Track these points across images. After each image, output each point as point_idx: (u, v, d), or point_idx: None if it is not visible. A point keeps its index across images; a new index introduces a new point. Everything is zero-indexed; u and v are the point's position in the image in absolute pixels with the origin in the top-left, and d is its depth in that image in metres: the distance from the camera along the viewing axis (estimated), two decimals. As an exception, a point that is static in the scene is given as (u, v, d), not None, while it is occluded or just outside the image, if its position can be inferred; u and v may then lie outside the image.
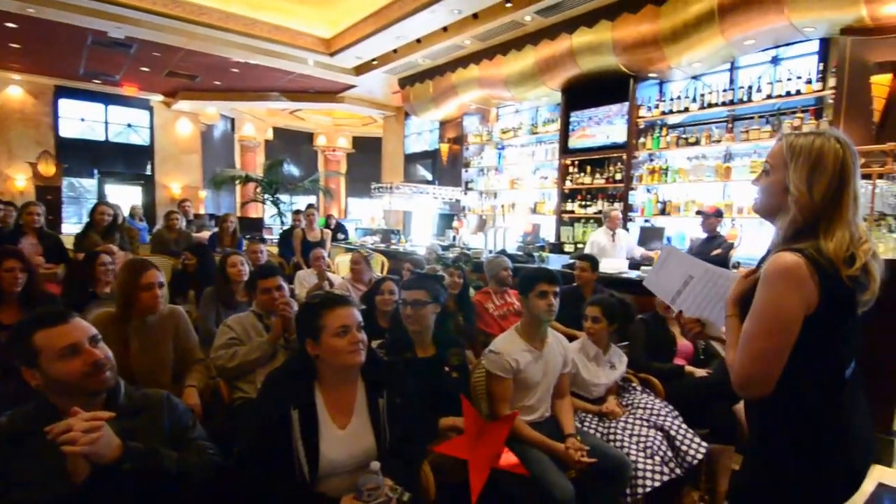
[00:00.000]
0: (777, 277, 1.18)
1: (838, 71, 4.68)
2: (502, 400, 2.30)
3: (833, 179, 1.22)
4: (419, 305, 2.33)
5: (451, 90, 8.45)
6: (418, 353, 2.35)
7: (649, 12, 5.54)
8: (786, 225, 1.25)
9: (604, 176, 6.62)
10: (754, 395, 1.25)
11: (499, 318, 3.77)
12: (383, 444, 1.69)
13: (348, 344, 1.62)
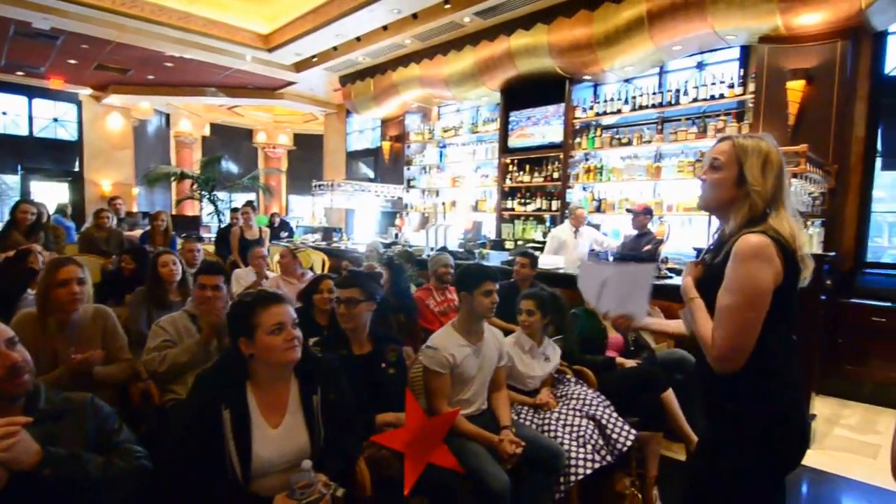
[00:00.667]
0: (751, 255, 1.32)
1: (757, 77, 5.02)
2: (440, 395, 2.32)
3: (779, 173, 1.42)
4: (352, 304, 2.31)
5: (393, 89, 8.45)
6: (354, 350, 2.33)
7: (583, 17, 5.74)
8: (744, 212, 1.41)
9: (542, 174, 6.79)
10: (735, 367, 1.34)
11: (439, 315, 3.80)
12: (318, 441, 1.68)
13: (283, 341, 1.61)
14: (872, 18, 4.37)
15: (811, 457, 3.34)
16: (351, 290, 2.32)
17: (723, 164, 1.45)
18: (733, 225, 1.44)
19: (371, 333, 2.40)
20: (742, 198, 1.42)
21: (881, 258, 5.05)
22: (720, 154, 1.47)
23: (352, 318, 2.31)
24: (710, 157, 1.49)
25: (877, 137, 4.87)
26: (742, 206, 1.41)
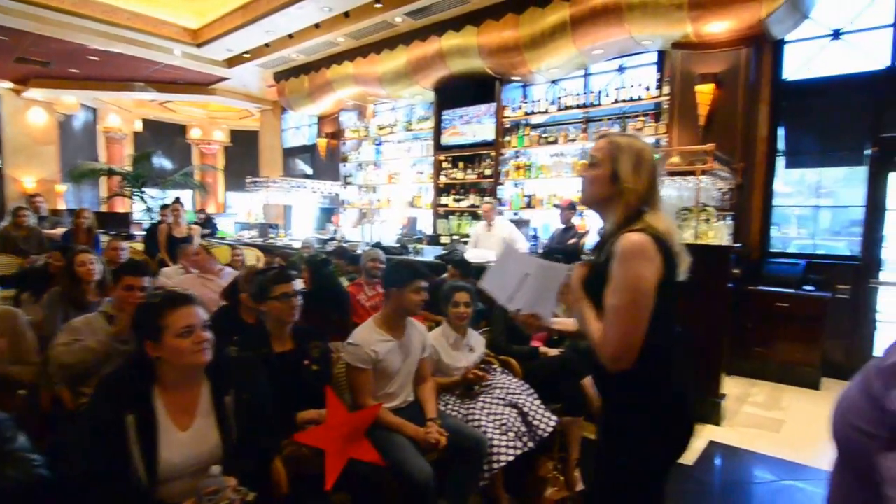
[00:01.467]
0: (633, 254, 1.33)
1: (671, 80, 5.33)
2: (364, 390, 2.34)
3: (652, 171, 1.46)
4: (285, 298, 2.31)
5: (327, 86, 8.35)
6: (276, 347, 2.31)
7: (511, 20, 5.89)
8: (620, 210, 1.43)
9: (475, 171, 6.94)
10: (628, 366, 1.35)
11: (371, 309, 3.81)
12: (230, 442, 1.65)
13: (193, 344, 1.58)
14: (772, 28, 4.74)
15: (722, 433, 3.60)
16: (286, 285, 2.32)
17: (599, 161, 1.49)
18: (612, 222, 1.46)
19: (293, 330, 2.38)
20: (617, 195, 1.44)
21: (787, 248, 5.49)
22: (597, 151, 1.50)
23: (289, 313, 2.31)
24: (590, 154, 1.54)
25: (778, 138, 5.28)
26: (618, 204, 1.44)
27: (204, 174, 13.05)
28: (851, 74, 4.90)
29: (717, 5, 4.58)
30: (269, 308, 2.33)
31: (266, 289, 2.32)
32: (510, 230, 5.64)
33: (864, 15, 4.89)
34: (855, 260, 4.84)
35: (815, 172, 5.30)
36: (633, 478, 1.46)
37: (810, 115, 5.10)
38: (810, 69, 5.16)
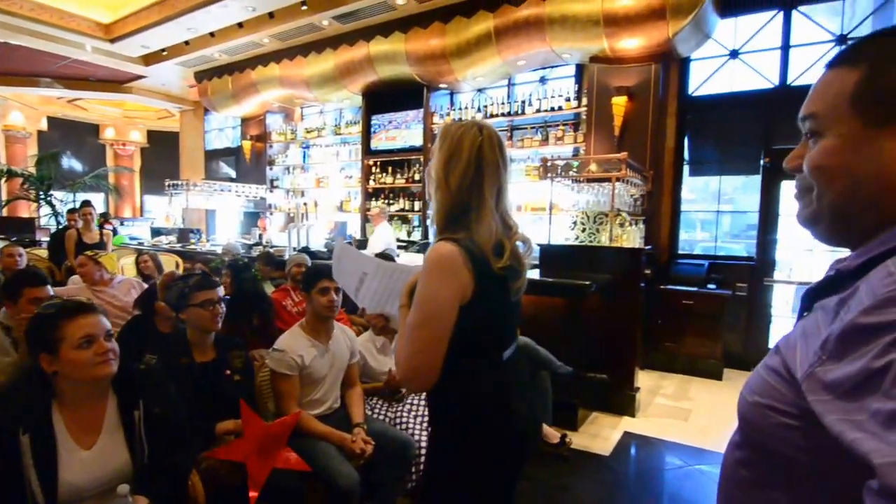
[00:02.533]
0: (433, 267, 1.16)
1: (589, 92, 5.62)
2: (289, 397, 2.30)
3: (468, 169, 1.22)
4: (209, 305, 2.23)
5: (252, 87, 8.12)
6: (196, 357, 2.23)
7: (437, 28, 6.00)
8: (434, 214, 1.25)
9: (404, 176, 6.99)
10: (422, 388, 1.20)
11: (297, 315, 3.74)
12: (140, 460, 1.58)
13: (94, 355, 1.49)
14: (678, 46, 5.11)
15: (637, 424, 3.83)
16: (210, 291, 2.24)
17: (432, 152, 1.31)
18: (435, 227, 1.28)
19: (215, 339, 2.31)
20: (434, 192, 1.27)
21: (693, 250, 5.92)
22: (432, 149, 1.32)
23: (213, 321, 2.23)
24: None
25: (683, 148, 5.70)
26: (435, 204, 1.27)
27: (118, 176, 12.25)
28: (747, 91, 5.39)
29: (630, 23, 4.89)
30: (190, 316, 2.24)
31: (187, 296, 2.23)
32: (388, 234, 5.82)
33: (757, 37, 5.39)
34: (751, 260, 5.31)
35: (716, 180, 5.77)
36: (443, 486, 1.32)
37: (712, 127, 5.55)
38: (712, 85, 5.61)
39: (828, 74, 0.66)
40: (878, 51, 0.61)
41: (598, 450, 3.41)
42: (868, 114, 0.60)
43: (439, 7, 5.96)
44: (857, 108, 0.61)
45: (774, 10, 5.24)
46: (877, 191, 0.60)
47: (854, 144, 0.61)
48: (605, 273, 3.93)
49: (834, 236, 0.67)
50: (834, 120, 0.63)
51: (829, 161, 0.64)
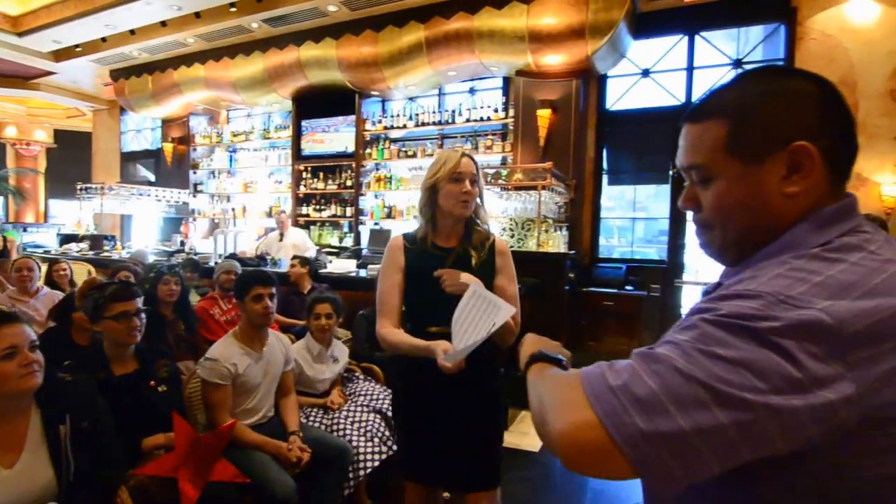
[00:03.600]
0: (509, 252, 1.76)
1: (515, 104, 5.87)
2: (222, 407, 2.26)
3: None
4: (123, 318, 2.14)
5: (175, 88, 7.77)
6: (116, 370, 2.13)
7: (369, 36, 6.05)
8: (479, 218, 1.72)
9: (336, 182, 6.96)
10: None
11: (226, 324, 3.65)
12: (66, 477, 1.52)
13: (18, 367, 1.44)
14: (596, 64, 5.47)
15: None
16: (128, 303, 2.15)
17: (476, 178, 1.72)
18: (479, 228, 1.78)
19: (136, 350, 2.23)
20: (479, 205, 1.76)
21: (612, 254, 6.32)
22: (474, 170, 1.68)
23: (131, 332, 2.15)
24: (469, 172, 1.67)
25: (603, 158, 6.09)
26: (481, 212, 1.78)
27: (21, 178, 11.26)
28: (657, 108, 5.84)
29: (552, 41, 5.19)
30: (105, 329, 2.13)
31: (101, 307, 2.12)
32: (302, 238, 5.89)
33: (666, 59, 5.87)
34: (663, 263, 5.74)
35: (631, 189, 6.20)
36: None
37: (627, 140, 5.97)
38: (627, 101, 6.04)
39: (694, 128, 0.75)
40: (735, 103, 0.72)
41: (528, 447, 3.55)
42: (744, 155, 0.70)
43: (371, 16, 6.01)
44: (734, 152, 0.70)
45: (680, 35, 5.74)
46: (768, 216, 0.70)
47: (742, 183, 0.70)
48: (532, 277, 4.13)
49: (741, 261, 0.74)
50: (718, 166, 0.72)
51: (727, 202, 0.72)
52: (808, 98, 0.68)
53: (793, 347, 0.54)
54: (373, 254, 5.41)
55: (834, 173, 0.68)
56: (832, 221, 0.66)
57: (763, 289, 0.60)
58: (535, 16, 5.18)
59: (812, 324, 0.55)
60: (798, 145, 0.66)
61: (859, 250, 0.62)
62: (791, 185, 0.67)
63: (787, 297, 0.58)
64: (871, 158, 5.04)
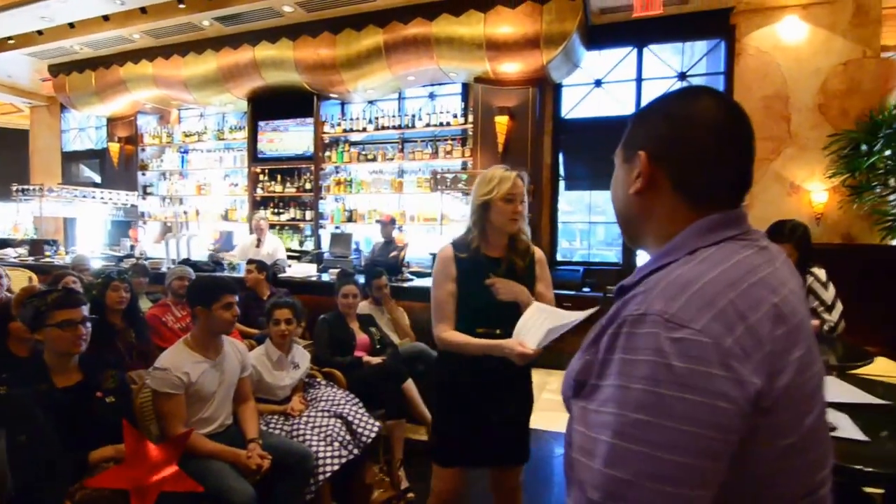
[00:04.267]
0: (545, 261, 2.05)
1: (475, 110, 5.95)
2: (175, 418, 2.20)
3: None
4: (69, 326, 2.04)
5: (121, 85, 7.46)
6: (58, 381, 2.02)
7: (327, 38, 6.00)
8: (523, 232, 1.95)
9: (295, 185, 6.85)
10: None
11: (180, 331, 3.54)
12: (6, 493, 1.47)
13: None
14: (552, 73, 5.62)
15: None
16: (74, 310, 2.06)
17: (523, 198, 1.93)
18: (524, 241, 1.99)
19: (80, 360, 2.12)
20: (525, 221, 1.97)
21: (571, 257, 6.49)
22: (522, 191, 1.91)
23: (77, 342, 2.05)
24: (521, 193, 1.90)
25: (559, 164, 6.25)
26: (526, 227, 1.99)
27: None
28: (609, 117, 6.06)
29: (509, 49, 5.30)
30: (47, 337, 2.03)
31: (44, 314, 2.02)
32: (278, 245, 5.78)
33: (617, 70, 6.09)
34: (619, 266, 5.94)
35: (588, 194, 6.39)
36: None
37: (582, 147, 6.16)
38: (581, 110, 6.24)
39: None
40: (640, 112, 0.82)
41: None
42: (624, 155, 0.82)
43: (328, 18, 5.96)
44: (621, 150, 0.83)
45: (630, 47, 5.98)
46: (623, 206, 0.83)
47: (618, 176, 0.84)
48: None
49: (628, 242, 0.88)
50: (616, 158, 0.85)
51: (612, 185, 0.86)
52: (677, 120, 0.75)
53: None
54: (334, 257, 5.35)
55: (687, 188, 0.74)
56: (711, 230, 0.71)
57: (653, 308, 0.64)
58: (492, 24, 5.28)
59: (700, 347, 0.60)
60: (639, 153, 0.76)
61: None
62: (633, 186, 0.77)
63: (672, 316, 0.62)
64: (802, 168, 5.40)
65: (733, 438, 0.60)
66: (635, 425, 0.60)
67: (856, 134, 4.92)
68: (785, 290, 0.68)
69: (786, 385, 0.62)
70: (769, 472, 0.64)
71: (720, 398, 0.58)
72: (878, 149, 4.68)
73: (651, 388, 0.60)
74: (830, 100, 5.30)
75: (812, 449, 0.67)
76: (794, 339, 0.65)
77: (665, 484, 0.58)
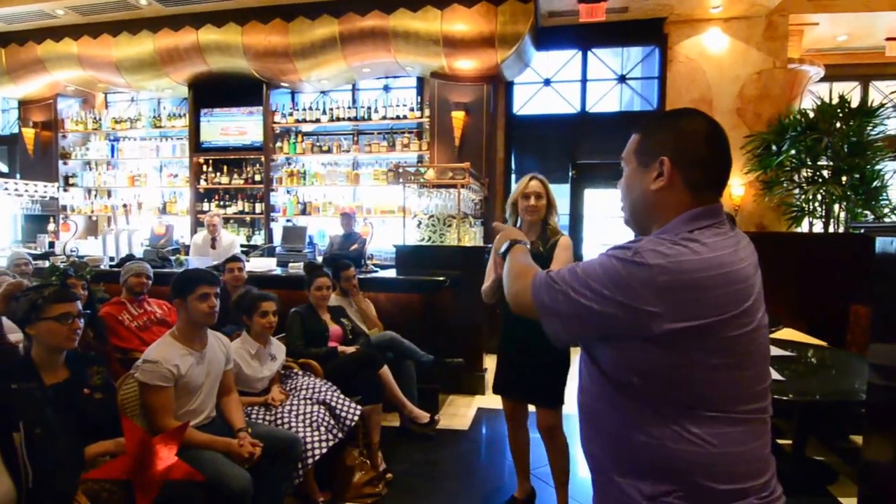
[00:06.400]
0: (569, 247, 2.38)
1: (431, 104, 6.05)
2: (164, 411, 2.17)
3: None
4: (66, 319, 1.97)
5: (38, 64, 6.86)
6: (46, 379, 1.94)
7: (279, 26, 5.86)
8: (550, 223, 2.42)
9: (243, 177, 6.63)
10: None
11: (138, 330, 3.40)
12: (25, 484, 1.44)
13: None
14: (505, 71, 5.82)
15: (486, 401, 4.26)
16: (71, 304, 1.97)
17: (540, 195, 2.45)
18: (549, 231, 2.44)
19: (66, 357, 2.04)
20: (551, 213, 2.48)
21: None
22: (540, 189, 2.44)
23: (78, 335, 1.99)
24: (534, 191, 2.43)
25: (511, 158, 6.49)
26: (552, 219, 2.47)
27: None
28: (557, 114, 6.37)
29: (465, 47, 5.45)
30: (41, 331, 1.95)
31: (40, 308, 1.94)
32: (233, 241, 5.50)
33: (564, 70, 6.41)
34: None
35: (536, 188, 6.67)
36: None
37: (532, 142, 6.44)
38: (531, 107, 6.50)
39: (632, 136, 1.07)
40: (648, 124, 1.04)
41: (458, 426, 3.79)
42: (640, 159, 1.02)
43: (280, 4, 5.83)
44: (636, 156, 1.03)
45: (575, 50, 6.32)
46: (642, 202, 1.02)
47: (635, 176, 1.03)
48: (453, 269, 4.32)
49: (637, 231, 1.07)
50: (628, 161, 1.05)
51: (625, 185, 1.06)
52: (686, 134, 0.98)
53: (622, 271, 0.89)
54: (287, 251, 5.25)
55: (693, 185, 0.97)
56: (693, 219, 0.95)
57: (634, 245, 0.92)
58: (449, 21, 5.40)
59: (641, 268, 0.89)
60: (662, 158, 0.97)
61: (696, 241, 0.91)
62: (655, 184, 0.98)
63: (639, 251, 0.90)
64: (723, 164, 6.00)
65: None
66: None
67: (767, 135, 5.55)
68: (743, 263, 0.93)
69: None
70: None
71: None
72: (785, 149, 5.33)
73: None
74: (746, 104, 5.94)
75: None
76: (740, 296, 0.91)
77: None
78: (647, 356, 0.90)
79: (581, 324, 0.95)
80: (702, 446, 0.89)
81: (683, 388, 0.90)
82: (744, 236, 0.98)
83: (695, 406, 0.90)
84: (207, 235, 5.31)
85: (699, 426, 0.89)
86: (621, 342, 0.93)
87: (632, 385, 0.94)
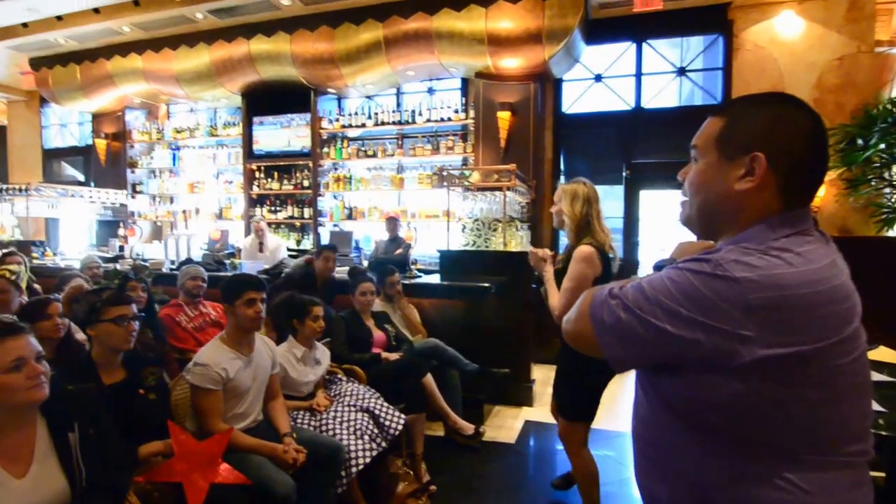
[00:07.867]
0: (582, 259, 2.20)
1: (475, 105, 5.96)
2: (213, 413, 2.20)
3: (584, 205, 2.29)
4: (123, 321, 2.05)
5: (108, 80, 7.28)
6: (105, 379, 2.04)
7: (325, 33, 5.94)
8: (570, 232, 2.33)
9: (292, 182, 6.78)
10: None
11: (194, 331, 3.51)
12: (79, 484, 1.48)
13: (26, 379, 1.38)
14: (553, 68, 5.66)
15: (534, 413, 4.15)
16: (126, 307, 2.06)
17: (556, 201, 2.39)
18: (570, 239, 2.37)
19: (123, 358, 2.13)
20: (566, 222, 2.35)
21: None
22: (556, 196, 2.39)
23: (128, 339, 2.07)
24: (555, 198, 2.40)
25: (560, 159, 6.30)
26: (568, 228, 2.35)
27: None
28: (610, 112, 6.12)
29: (511, 44, 5.32)
30: (100, 333, 2.06)
31: (98, 310, 2.04)
32: (279, 244, 5.69)
33: (616, 65, 6.15)
34: (621, 260, 6.00)
35: (587, 189, 6.45)
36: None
37: (582, 142, 6.22)
38: (581, 105, 6.29)
39: (709, 119, 0.91)
40: (735, 109, 0.87)
41: (504, 439, 3.68)
42: (723, 150, 0.86)
43: (326, 11, 5.91)
44: (718, 145, 0.87)
45: (629, 42, 6.04)
46: (719, 202, 0.87)
47: (714, 169, 0.87)
48: (499, 275, 4.21)
49: (702, 234, 0.95)
50: (705, 151, 0.89)
51: (699, 179, 0.90)
52: (787, 128, 0.83)
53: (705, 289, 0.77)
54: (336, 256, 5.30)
55: (787, 189, 0.83)
56: (781, 225, 0.82)
57: (712, 256, 0.79)
58: (494, 19, 5.30)
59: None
60: (756, 155, 0.82)
61: (789, 251, 0.79)
62: (742, 184, 0.84)
63: (721, 263, 0.78)
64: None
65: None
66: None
67: (851, 128, 5.00)
68: (844, 277, 0.81)
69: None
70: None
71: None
72: (873, 142, 4.78)
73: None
74: (826, 94, 5.41)
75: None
76: (845, 317, 0.79)
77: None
78: (728, 389, 0.77)
79: (647, 348, 0.82)
80: (794, 494, 0.77)
81: (772, 427, 0.77)
82: (833, 245, 0.85)
83: (786, 448, 0.78)
84: (255, 239, 5.51)
85: (792, 471, 0.77)
86: (697, 372, 0.80)
87: (707, 422, 0.81)
